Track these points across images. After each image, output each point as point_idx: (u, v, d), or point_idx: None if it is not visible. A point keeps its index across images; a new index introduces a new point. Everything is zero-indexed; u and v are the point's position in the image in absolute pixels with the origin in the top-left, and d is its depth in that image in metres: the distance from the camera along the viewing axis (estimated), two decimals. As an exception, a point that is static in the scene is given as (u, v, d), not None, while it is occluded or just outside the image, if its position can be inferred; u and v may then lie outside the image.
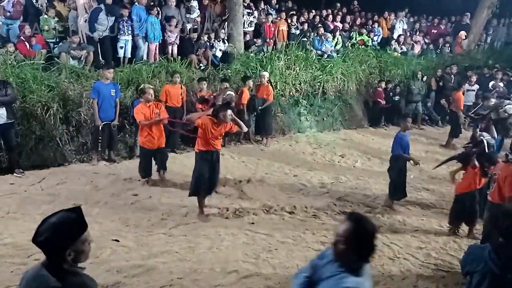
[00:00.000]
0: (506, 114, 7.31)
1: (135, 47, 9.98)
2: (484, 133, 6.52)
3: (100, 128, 8.12)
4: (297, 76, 11.35)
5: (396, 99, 12.49)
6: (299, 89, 11.30)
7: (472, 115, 9.30)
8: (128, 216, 6.32)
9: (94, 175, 7.79)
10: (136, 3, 10.04)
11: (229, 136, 9.93)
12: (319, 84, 11.74)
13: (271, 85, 10.25)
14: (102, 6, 9.26)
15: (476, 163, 5.99)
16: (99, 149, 8.29)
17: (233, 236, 5.86)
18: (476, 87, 12.65)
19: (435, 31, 16.16)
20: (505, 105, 7.62)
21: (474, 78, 12.68)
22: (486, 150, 6.27)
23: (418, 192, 7.91)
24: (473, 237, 6.17)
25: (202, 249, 5.48)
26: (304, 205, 7.01)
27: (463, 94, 11.57)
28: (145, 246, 5.54)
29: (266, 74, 10.16)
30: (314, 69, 11.80)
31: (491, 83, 11.90)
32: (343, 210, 6.95)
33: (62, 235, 2.22)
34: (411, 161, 7.03)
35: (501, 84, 12.02)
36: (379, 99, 12.29)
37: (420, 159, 9.09)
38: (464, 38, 15.65)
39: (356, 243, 2.43)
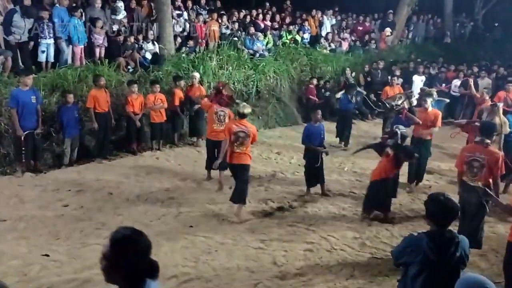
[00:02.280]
0: (415, 102, 8.04)
1: (58, 51, 9.48)
2: (400, 125, 6.86)
3: (22, 138, 7.64)
4: (230, 75, 11.34)
5: (327, 95, 12.84)
6: (232, 88, 11.27)
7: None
8: (58, 229, 5.98)
9: (19, 188, 7.32)
10: (57, 5, 9.53)
11: (163, 139, 9.77)
12: (252, 83, 11.80)
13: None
14: (17, 8, 8.66)
15: (390, 151, 6.36)
16: (23, 160, 7.79)
17: (172, 241, 5.73)
18: (400, 80, 13.30)
19: (361, 28, 16.82)
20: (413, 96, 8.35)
21: (398, 72, 13.34)
22: (399, 141, 6.58)
23: (352, 183, 8.16)
24: (386, 221, 6.53)
25: (139, 256, 5.29)
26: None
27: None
28: (78, 258, 5.27)
29: (197, 75, 10.06)
30: (247, 68, 11.86)
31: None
32: (280, 206, 7.04)
33: None
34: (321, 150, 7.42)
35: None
36: (311, 96, 12.57)
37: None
38: (389, 34, 16.40)
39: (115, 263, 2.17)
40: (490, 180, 5.34)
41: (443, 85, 13.38)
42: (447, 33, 18.61)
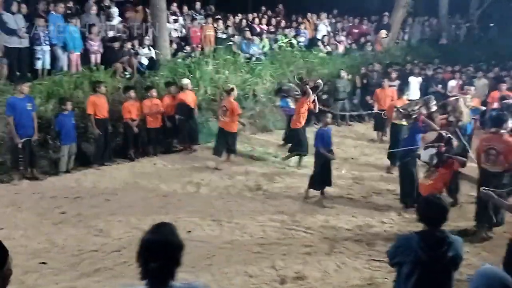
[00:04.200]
0: (435, 107, 7.67)
1: (54, 58, 9.48)
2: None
3: (20, 146, 7.62)
4: (226, 80, 11.33)
5: (324, 98, 12.83)
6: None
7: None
8: (56, 236, 5.97)
9: (16, 196, 7.30)
10: (53, 12, 9.54)
11: (160, 144, 9.76)
12: (249, 87, 11.79)
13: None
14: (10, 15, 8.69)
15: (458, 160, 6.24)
16: (20, 167, 7.77)
17: (170, 247, 5.70)
18: (397, 82, 13.32)
19: (357, 31, 16.84)
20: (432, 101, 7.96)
21: (394, 75, 13.35)
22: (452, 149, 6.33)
23: (349, 186, 8.16)
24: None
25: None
26: (240, 209, 7.02)
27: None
28: (76, 266, 5.26)
29: (187, 81, 10.01)
30: (243, 72, 11.86)
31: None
32: (280, 210, 7.03)
33: None
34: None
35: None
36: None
37: (351, 154, 9.56)
38: (384, 36, 16.43)
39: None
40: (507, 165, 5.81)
41: (439, 86, 13.39)
42: (442, 34, 18.65)
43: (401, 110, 7.62)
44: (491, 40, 19.86)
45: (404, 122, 8.43)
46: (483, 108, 9.94)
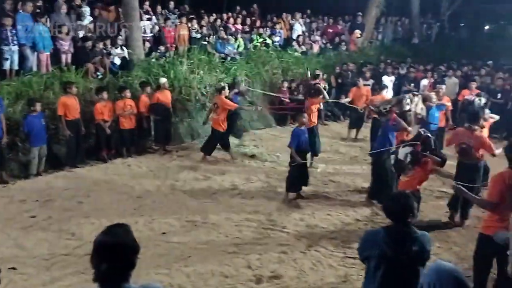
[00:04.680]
0: (408, 107, 7.69)
1: (22, 58, 9.23)
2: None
3: (-13, 148, 7.41)
4: (201, 80, 11.25)
5: (300, 98, 12.87)
6: (205, 93, 11.20)
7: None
8: (25, 241, 5.81)
9: (-17, 200, 7.08)
10: (21, 11, 9.29)
11: (133, 145, 9.64)
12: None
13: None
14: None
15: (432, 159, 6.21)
16: (-12, 171, 7.55)
17: (144, 248, 5.56)
18: (371, 81, 13.50)
19: (331, 31, 16.99)
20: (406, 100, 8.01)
21: (368, 74, 13.54)
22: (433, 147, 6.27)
23: (324, 184, 8.21)
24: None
25: (110, 266, 5.18)
26: (216, 209, 6.98)
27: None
28: (47, 270, 5.13)
29: (164, 80, 9.93)
30: (218, 72, 11.78)
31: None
32: (256, 210, 7.02)
33: None
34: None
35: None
36: (283, 98, 12.59)
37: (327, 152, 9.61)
38: (359, 36, 16.62)
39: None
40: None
41: (412, 85, 13.61)
42: (414, 34, 19.00)
43: (373, 108, 7.63)
44: (461, 39, 20.34)
45: None
46: (448, 104, 10.13)
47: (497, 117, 8.21)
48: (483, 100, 8.72)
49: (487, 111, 8.05)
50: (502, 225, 4.04)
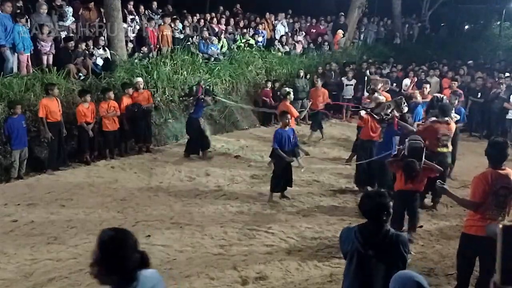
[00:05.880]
0: (406, 109, 7.74)
1: (2, 59, 9.05)
2: (413, 136, 6.53)
3: (-34, 152, 7.26)
4: (185, 80, 11.22)
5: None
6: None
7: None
8: (6, 246, 5.70)
9: (-37, 205, 6.94)
10: (0, 11, 9.11)
11: (117, 147, 9.55)
12: (208, 87, 11.70)
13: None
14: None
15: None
16: (-32, 174, 7.40)
17: (129, 252, 5.56)
18: (353, 81, 13.63)
19: (314, 31, 17.07)
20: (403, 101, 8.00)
21: (351, 74, 13.66)
22: (406, 153, 5.99)
23: (308, 184, 8.25)
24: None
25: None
26: (201, 211, 6.96)
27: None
28: (29, 276, 5.05)
29: (139, 79, 9.88)
30: (202, 72, 11.76)
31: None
32: (241, 210, 7.02)
33: None
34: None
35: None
36: (266, 98, 12.60)
37: (311, 152, 9.62)
38: (341, 36, 16.74)
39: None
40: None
41: (394, 84, 13.73)
42: (396, 34, 19.20)
43: (375, 116, 7.54)
44: (442, 39, 20.63)
45: None
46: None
47: (458, 117, 8.29)
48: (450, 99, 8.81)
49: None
50: (484, 224, 4.11)
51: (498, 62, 17.53)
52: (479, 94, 12.34)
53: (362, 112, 7.80)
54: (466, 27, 24.01)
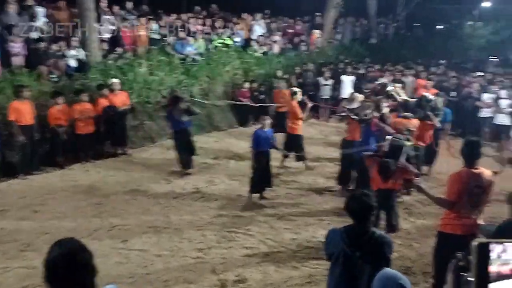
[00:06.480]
0: (386, 110, 7.83)
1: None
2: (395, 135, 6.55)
3: None
4: (161, 81, 11.08)
5: (261, 98, 12.90)
6: (165, 94, 11.02)
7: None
8: (-24, 254, 5.53)
9: None
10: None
11: (92, 150, 9.36)
12: (185, 88, 11.58)
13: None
14: None
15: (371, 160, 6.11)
16: None
17: (105, 258, 5.44)
18: (331, 81, 13.71)
19: (291, 31, 17.10)
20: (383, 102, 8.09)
21: (328, 74, 13.74)
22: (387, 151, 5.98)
23: (287, 185, 8.23)
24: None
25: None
26: (179, 214, 6.88)
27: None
28: (1, 284, 4.89)
29: (114, 80, 9.73)
30: (179, 73, 11.65)
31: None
32: (219, 213, 6.96)
33: None
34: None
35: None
36: (243, 99, 12.56)
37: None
38: (318, 36, 16.81)
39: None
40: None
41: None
42: (372, 34, 19.40)
43: (354, 117, 7.52)
44: (417, 39, 20.94)
45: None
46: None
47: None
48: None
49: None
50: (460, 222, 4.16)
51: (470, 61, 17.89)
52: (453, 93, 12.55)
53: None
54: (440, 27, 24.45)
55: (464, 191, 4.11)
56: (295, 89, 9.40)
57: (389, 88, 9.23)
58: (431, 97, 8.45)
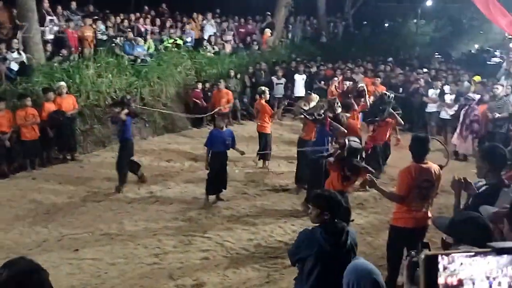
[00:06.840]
0: (340, 109, 7.72)
1: None
2: (351, 137, 6.41)
3: None
4: (110, 84, 10.74)
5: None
6: (115, 97, 10.69)
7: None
8: None
9: None
10: None
11: (38, 157, 8.95)
12: (135, 90, 11.31)
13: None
14: None
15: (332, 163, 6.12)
16: None
17: (55, 269, 5.20)
18: (283, 80, 13.82)
19: (243, 30, 17.10)
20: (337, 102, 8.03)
21: (281, 73, 13.84)
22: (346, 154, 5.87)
23: (243, 185, 8.22)
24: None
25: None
26: (133, 219, 6.69)
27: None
28: None
29: (61, 84, 9.38)
30: (128, 75, 11.35)
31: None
32: (175, 217, 6.83)
33: None
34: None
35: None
36: (196, 99, 12.43)
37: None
38: (269, 35, 16.90)
39: None
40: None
41: (322, 82, 14.08)
42: (322, 33, 19.73)
43: (307, 116, 7.47)
44: (365, 37, 21.51)
45: None
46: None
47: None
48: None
49: None
50: (411, 216, 4.29)
51: (415, 58, 18.57)
52: (400, 89, 12.95)
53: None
54: (386, 25, 25.24)
55: (414, 185, 4.24)
56: (263, 88, 9.47)
57: (361, 85, 9.52)
58: (391, 94, 8.64)
